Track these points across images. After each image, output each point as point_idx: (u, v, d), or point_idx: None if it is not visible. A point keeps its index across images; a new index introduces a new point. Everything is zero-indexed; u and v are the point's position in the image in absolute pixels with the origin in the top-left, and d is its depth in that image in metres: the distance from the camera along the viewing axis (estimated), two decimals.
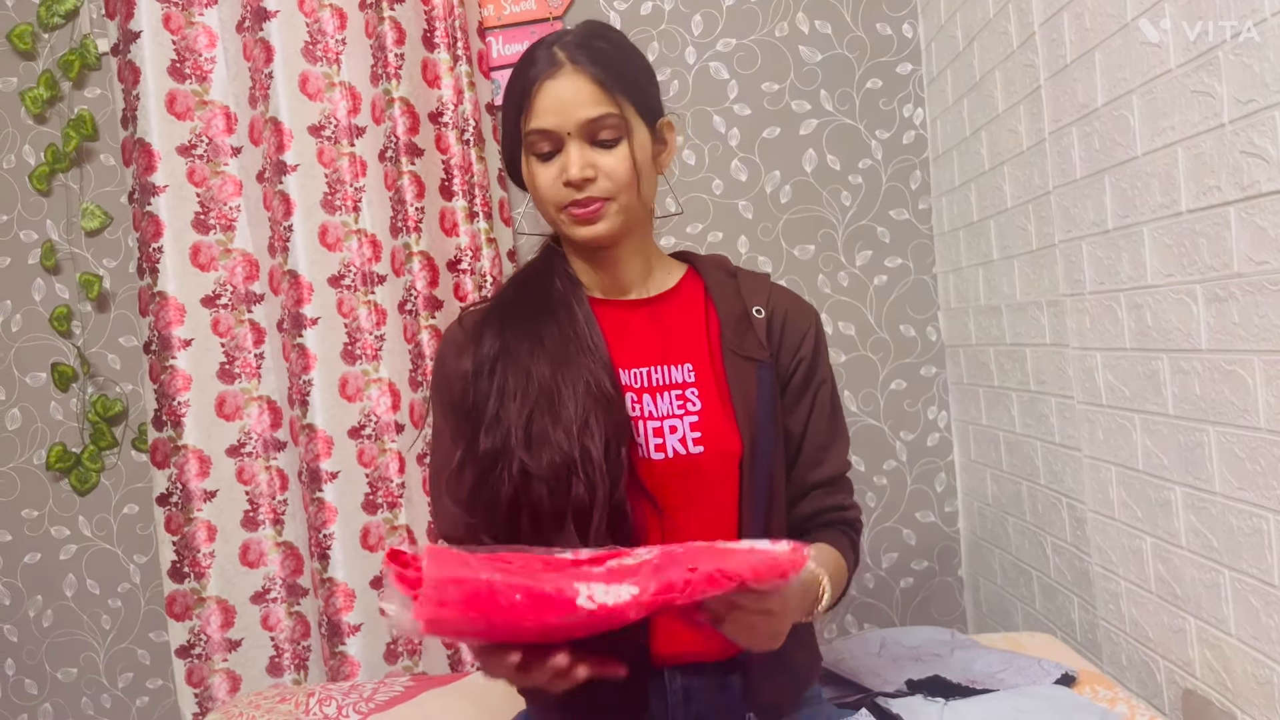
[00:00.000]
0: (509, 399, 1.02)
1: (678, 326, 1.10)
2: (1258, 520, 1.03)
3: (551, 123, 1.01)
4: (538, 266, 1.14)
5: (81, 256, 2.09)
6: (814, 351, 1.13)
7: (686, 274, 1.16)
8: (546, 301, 1.08)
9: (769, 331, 1.11)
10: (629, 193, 1.04)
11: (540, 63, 1.02)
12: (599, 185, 1.02)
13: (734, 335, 1.09)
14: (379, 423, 1.88)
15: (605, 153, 1.02)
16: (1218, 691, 1.14)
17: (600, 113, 1.01)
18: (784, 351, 1.12)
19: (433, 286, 1.88)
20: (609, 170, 1.02)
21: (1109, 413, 1.34)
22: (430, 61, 1.92)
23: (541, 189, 1.04)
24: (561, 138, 1.02)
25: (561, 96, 1.01)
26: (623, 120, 1.02)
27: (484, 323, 1.09)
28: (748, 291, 1.13)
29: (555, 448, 0.98)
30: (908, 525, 2.07)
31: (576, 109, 1.01)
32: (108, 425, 2.08)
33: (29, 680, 2.13)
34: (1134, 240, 1.23)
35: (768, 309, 1.12)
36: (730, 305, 1.11)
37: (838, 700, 1.23)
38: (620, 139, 1.02)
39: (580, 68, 1.01)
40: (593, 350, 1.04)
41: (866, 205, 2.04)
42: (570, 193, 1.02)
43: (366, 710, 1.42)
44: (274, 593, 1.92)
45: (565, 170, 1.01)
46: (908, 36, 2.02)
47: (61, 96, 2.07)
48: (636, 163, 1.03)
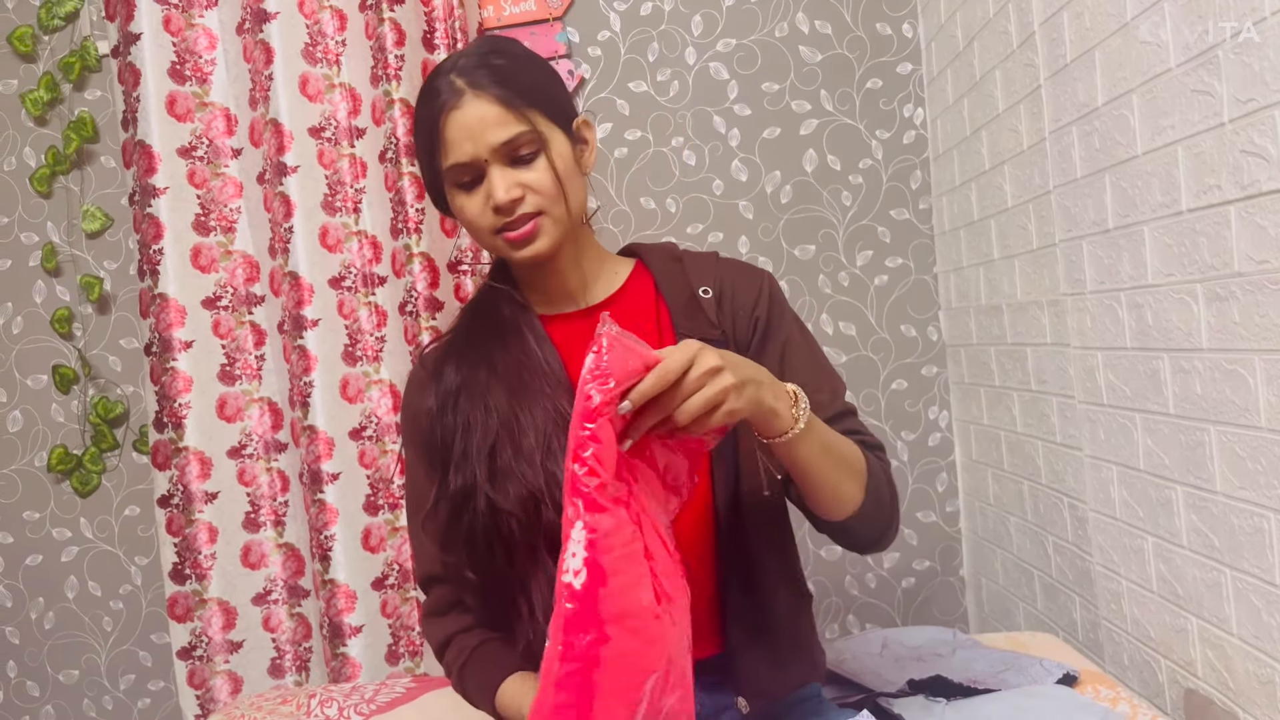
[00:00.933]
0: (472, 434, 1.01)
1: (629, 326, 1.10)
2: (1259, 519, 1.03)
3: (466, 154, 1.00)
4: (485, 295, 1.14)
5: (82, 258, 2.10)
6: (769, 309, 1.11)
7: (634, 269, 1.15)
8: (497, 329, 1.08)
9: (719, 308, 1.10)
10: (558, 204, 1.03)
11: (441, 94, 1.01)
12: (527, 202, 1.01)
13: (684, 320, 1.09)
14: (380, 424, 1.88)
15: (526, 170, 1.01)
16: (1219, 691, 1.14)
17: (511, 134, 1.00)
18: (738, 322, 1.10)
19: (433, 288, 1.88)
20: (533, 185, 1.01)
21: (1110, 412, 1.34)
22: (430, 63, 1.91)
23: (472, 220, 1.03)
24: (480, 166, 1.00)
25: (469, 125, 0.99)
26: (536, 134, 1.01)
27: (444, 358, 1.09)
28: (694, 273, 1.12)
29: (520, 480, 0.98)
30: (909, 525, 2.07)
31: (486, 135, 0.99)
32: (109, 427, 2.08)
33: (31, 682, 2.13)
34: (1134, 239, 1.23)
35: (715, 286, 1.11)
36: (678, 291, 1.11)
37: (839, 700, 1.23)
38: (538, 153, 1.01)
39: (480, 92, 0.99)
40: (547, 372, 1.04)
41: (867, 205, 2.04)
42: (500, 218, 1.01)
43: (368, 712, 1.42)
44: (275, 594, 1.92)
45: (491, 196, 1.00)
46: (908, 36, 2.02)
47: (62, 98, 2.07)
48: (559, 173, 1.02)
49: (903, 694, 1.25)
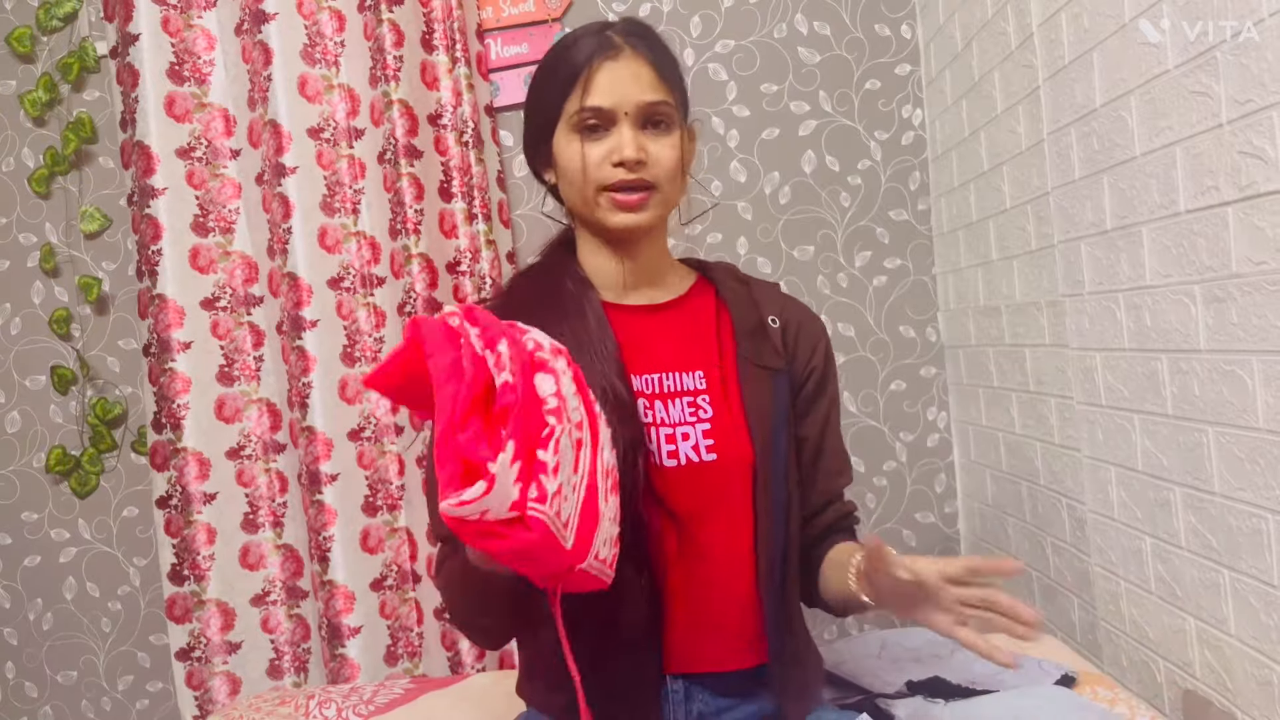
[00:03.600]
0: None
1: (690, 334, 1.10)
2: (1257, 520, 1.03)
3: (610, 101, 1.00)
4: (547, 265, 1.12)
5: (81, 259, 2.09)
6: (825, 363, 1.14)
7: (697, 281, 1.15)
8: (559, 302, 1.06)
9: (784, 341, 1.11)
10: (671, 184, 1.04)
11: (593, 45, 1.02)
12: (649, 170, 1.01)
13: (751, 345, 1.09)
14: (379, 425, 1.88)
15: (655, 139, 1.02)
16: (1218, 692, 1.14)
17: (658, 98, 1.01)
18: (798, 361, 1.12)
19: (432, 288, 1.88)
20: (658, 157, 1.02)
21: (1108, 413, 1.34)
22: (429, 63, 1.92)
23: (589, 167, 1.01)
24: (616, 117, 1.01)
25: (622, 76, 1.00)
26: (675, 110, 1.03)
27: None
28: (762, 300, 1.13)
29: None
30: (908, 526, 2.07)
31: (636, 91, 1.00)
32: (107, 428, 2.08)
33: (29, 683, 2.13)
34: (1133, 241, 1.23)
35: (782, 319, 1.12)
36: (746, 314, 1.11)
37: (838, 702, 1.23)
38: (670, 128, 1.03)
39: (639, 53, 1.02)
40: (606, 355, 1.03)
41: (866, 206, 2.04)
42: (618, 173, 1.01)
43: (366, 713, 1.42)
44: (274, 595, 1.92)
45: (619, 150, 1.00)
46: (906, 37, 2.02)
47: (60, 99, 2.07)
48: (682, 154, 1.04)
49: (901, 695, 1.25)
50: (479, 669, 1.88)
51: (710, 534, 1.03)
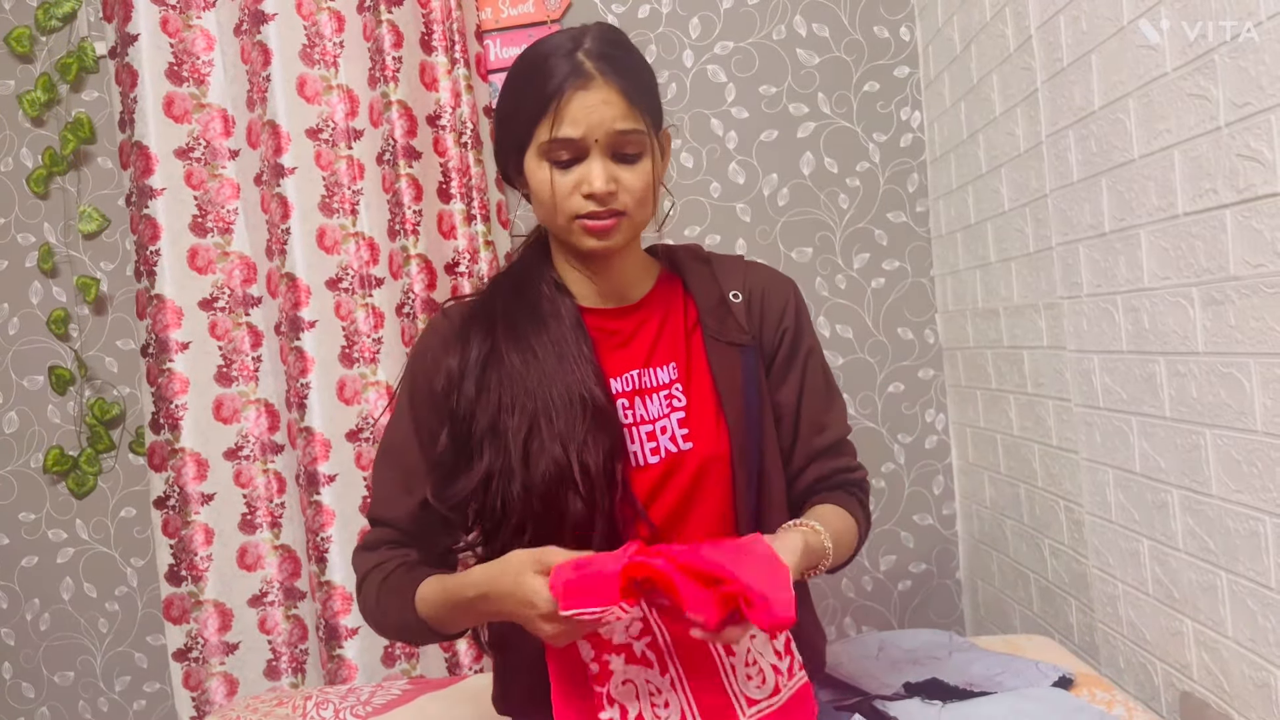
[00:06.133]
0: (505, 413, 1.02)
1: (661, 327, 1.11)
2: (1254, 523, 1.03)
3: (580, 131, 0.99)
4: (526, 271, 1.13)
5: (79, 259, 2.09)
6: (796, 321, 1.13)
7: (662, 271, 1.16)
8: (536, 309, 1.08)
9: (748, 313, 1.11)
10: (642, 209, 1.04)
11: (565, 70, 1.00)
12: (619, 199, 1.01)
13: (714, 322, 1.10)
14: (377, 426, 1.87)
15: (626, 168, 1.01)
16: (1215, 694, 1.14)
17: (629, 127, 1.00)
18: (766, 328, 1.12)
19: (430, 289, 1.88)
20: (629, 186, 1.01)
21: (1106, 415, 1.34)
22: (428, 64, 1.92)
23: (558, 198, 1.02)
24: (586, 146, 1.00)
25: (592, 107, 0.99)
26: (645, 137, 1.02)
27: (471, 320, 1.09)
28: (723, 276, 1.13)
29: (550, 462, 0.99)
30: (906, 528, 2.07)
31: (606, 121, 0.99)
32: (105, 428, 2.08)
33: (26, 684, 2.12)
34: (1131, 243, 1.23)
35: (744, 290, 1.12)
36: (707, 293, 1.12)
37: (835, 703, 1.23)
38: (642, 155, 1.02)
39: (610, 80, 1.00)
40: (584, 361, 1.04)
41: (864, 208, 2.04)
42: (588, 204, 1.01)
43: (364, 713, 1.42)
44: (271, 596, 1.92)
45: (587, 182, 1.00)
46: (905, 39, 2.03)
47: (59, 99, 2.07)
48: (653, 180, 1.03)
49: (899, 697, 1.25)
50: (476, 670, 1.88)
51: (689, 525, 1.05)
